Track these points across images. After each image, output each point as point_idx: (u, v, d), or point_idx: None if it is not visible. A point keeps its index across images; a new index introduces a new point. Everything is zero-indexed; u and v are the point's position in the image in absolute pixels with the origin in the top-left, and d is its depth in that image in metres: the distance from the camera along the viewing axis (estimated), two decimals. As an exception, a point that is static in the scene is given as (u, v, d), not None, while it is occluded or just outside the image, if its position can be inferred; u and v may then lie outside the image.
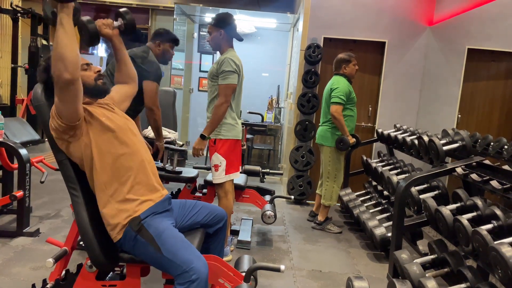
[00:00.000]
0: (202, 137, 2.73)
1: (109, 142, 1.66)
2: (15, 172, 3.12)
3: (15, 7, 6.04)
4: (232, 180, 2.89)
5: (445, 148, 2.65)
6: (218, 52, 2.90)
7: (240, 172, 3.67)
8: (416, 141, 3.13)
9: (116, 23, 1.97)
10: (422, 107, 4.46)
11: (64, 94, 1.53)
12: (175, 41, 2.96)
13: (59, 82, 1.50)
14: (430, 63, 4.37)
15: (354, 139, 3.56)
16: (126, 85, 2.05)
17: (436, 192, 2.76)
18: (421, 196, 2.71)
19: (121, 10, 2.04)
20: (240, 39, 2.86)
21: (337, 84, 3.49)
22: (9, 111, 6.26)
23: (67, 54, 1.46)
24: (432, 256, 2.41)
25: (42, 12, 1.67)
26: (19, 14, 6.06)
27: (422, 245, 3.12)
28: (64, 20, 1.48)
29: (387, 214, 3.47)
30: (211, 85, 2.80)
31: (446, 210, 2.28)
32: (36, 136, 3.39)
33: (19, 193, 2.89)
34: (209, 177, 3.07)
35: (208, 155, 2.92)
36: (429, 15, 4.44)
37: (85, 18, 1.86)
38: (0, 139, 2.88)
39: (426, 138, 2.87)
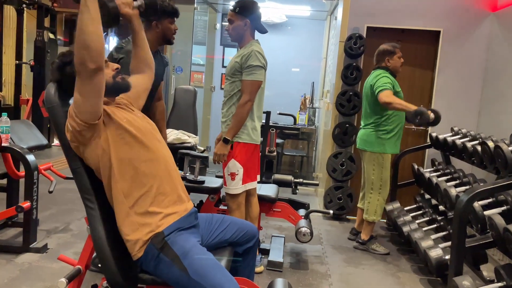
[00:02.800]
0: (225, 140, 2.76)
1: (130, 148, 1.69)
2: (21, 180, 3.24)
3: (20, -3, 6.26)
4: (246, 190, 2.91)
5: (514, 155, 2.58)
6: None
7: (266, 182, 3.69)
8: (479, 148, 3.06)
9: (136, 3, 2.00)
10: (485, 107, 4.35)
11: (85, 86, 1.57)
12: (174, 13, 2.72)
13: (82, 72, 1.55)
14: (494, 56, 4.26)
15: (433, 115, 3.35)
16: (142, 76, 2.08)
17: (504, 208, 2.68)
18: (486, 213, 2.65)
19: None
20: (264, 31, 2.89)
21: (378, 77, 3.45)
22: (13, 112, 6.47)
23: (91, 42, 1.51)
24: (499, 284, 2.35)
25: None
26: (24, 5, 6.27)
27: (486, 270, 3.04)
28: (89, 2, 1.51)
29: (444, 233, 3.40)
30: (230, 82, 2.83)
31: (518, 229, 2.21)
32: (44, 141, 3.50)
33: (26, 204, 2.98)
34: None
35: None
36: (492, -1, 4.35)
37: None
38: (6, 144, 2.98)
39: (491, 144, 2.80)
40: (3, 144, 2.96)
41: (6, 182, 3.40)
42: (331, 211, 3.63)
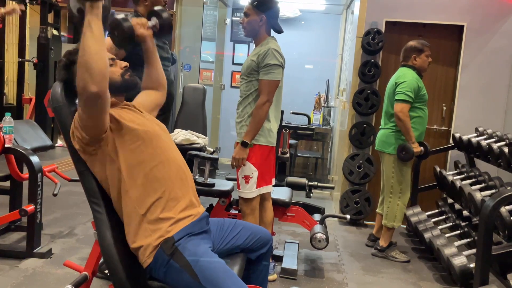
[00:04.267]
0: (244, 144, 2.77)
1: (140, 151, 1.71)
2: (25, 182, 3.28)
3: (23, -8, 6.34)
4: (260, 195, 2.91)
5: (544, 158, 2.55)
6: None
7: (279, 185, 3.69)
8: (505, 149, 3.04)
9: (150, 23, 2.08)
10: (512, 106, 4.32)
11: (88, 108, 1.58)
12: None
13: (83, 95, 1.55)
14: (522, 51, 4.23)
15: (421, 148, 3.48)
16: (154, 92, 2.13)
17: (533, 213, 2.66)
18: (514, 218, 2.63)
19: (156, 8, 2.16)
20: (280, 30, 2.93)
21: (404, 78, 3.44)
22: (16, 111, 6.55)
23: (94, 64, 1.50)
24: (528, 294, 2.32)
25: (68, 9, 1.75)
26: (27, 1, 6.35)
27: (514, 279, 3.01)
28: (93, 23, 1.52)
29: (468, 239, 3.38)
30: (247, 81, 2.85)
31: (548, 236, 2.19)
32: (48, 142, 3.53)
33: (30, 208, 3.01)
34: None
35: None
36: (519, -9, 4.31)
37: (119, 16, 1.96)
38: (10, 144, 3.02)
39: (519, 145, 2.78)
40: (6, 145, 3.00)
41: (9, 185, 3.45)
42: (348, 216, 3.61)
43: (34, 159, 3.08)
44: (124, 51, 2.66)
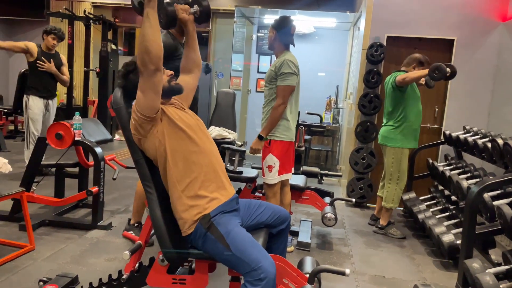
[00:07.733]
0: (260, 137, 2.81)
1: (181, 140, 1.75)
2: (90, 169, 3.37)
3: (88, 14, 6.48)
4: (281, 181, 2.91)
5: (522, 152, 2.49)
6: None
7: (295, 173, 3.70)
8: (489, 144, 2.97)
9: (192, 10, 2.03)
10: (494, 108, 4.20)
11: (146, 84, 1.66)
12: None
13: (144, 72, 1.64)
14: (504, 62, 4.10)
15: (449, 69, 3.15)
16: (189, 76, 2.10)
17: (511, 198, 2.60)
18: (495, 203, 2.57)
19: None
20: (292, 44, 2.90)
21: (398, 73, 3.41)
22: (82, 111, 6.72)
23: (151, 48, 1.60)
24: (506, 267, 2.28)
25: (130, 2, 1.79)
26: (91, 21, 6.49)
27: (494, 254, 2.95)
28: (150, 14, 1.60)
29: (456, 220, 3.32)
30: (268, 88, 2.86)
31: (524, 218, 2.14)
32: (109, 136, 3.62)
33: (95, 189, 3.11)
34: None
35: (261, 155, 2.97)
36: (502, 10, 4.17)
37: (166, 0, 1.93)
38: (78, 138, 3.11)
39: (500, 141, 2.71)
40: (76, 139, 3.09)
41: (78, 170, 3.56)
42: (353, 199, 3.59)
43: (98, 150, 3.16)
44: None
